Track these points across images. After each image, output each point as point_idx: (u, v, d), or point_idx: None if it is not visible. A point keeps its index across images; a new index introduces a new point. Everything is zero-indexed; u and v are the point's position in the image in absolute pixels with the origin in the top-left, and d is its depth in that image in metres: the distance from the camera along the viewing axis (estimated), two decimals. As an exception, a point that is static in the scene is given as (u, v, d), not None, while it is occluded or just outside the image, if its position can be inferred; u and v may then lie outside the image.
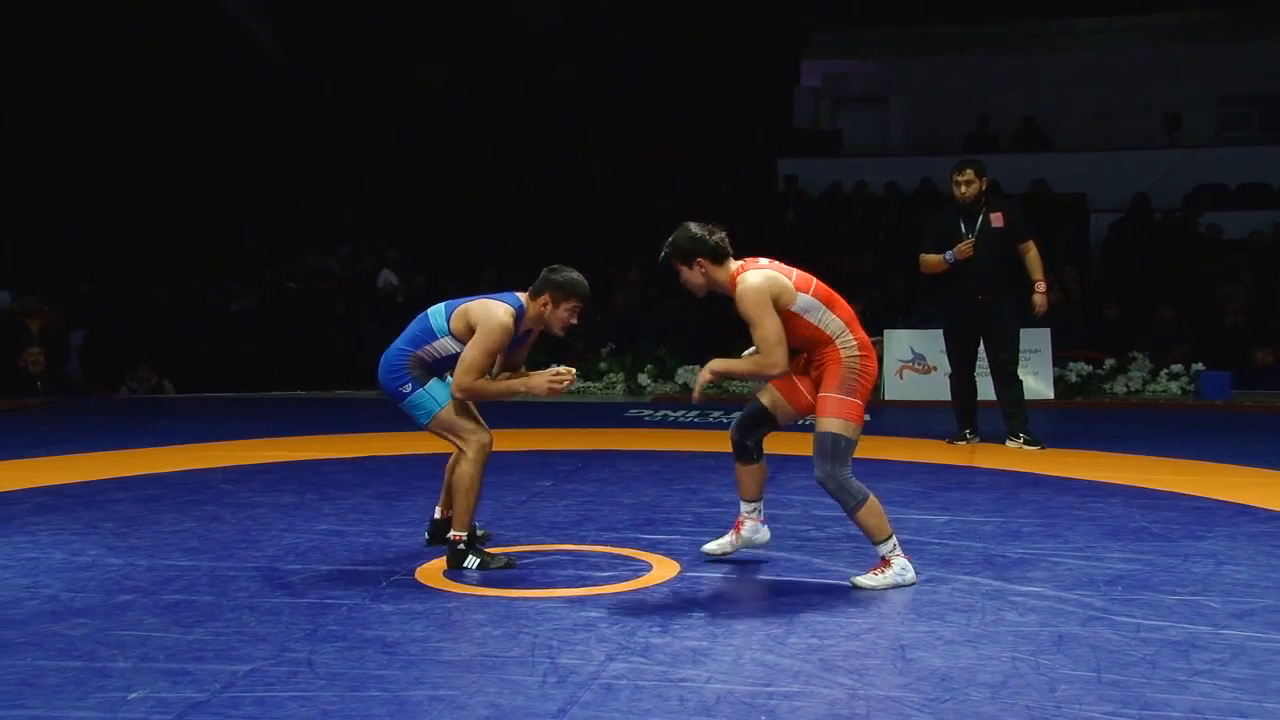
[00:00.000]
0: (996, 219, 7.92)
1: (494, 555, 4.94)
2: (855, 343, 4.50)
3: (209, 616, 4.20)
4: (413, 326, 5.00)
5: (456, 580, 4.72)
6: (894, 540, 4.54)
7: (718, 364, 4.59)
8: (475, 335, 4.82)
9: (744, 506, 4.89)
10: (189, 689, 3.46)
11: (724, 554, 4.95)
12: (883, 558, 4.55)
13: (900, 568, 4.53)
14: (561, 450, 8.04)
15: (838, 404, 4.43)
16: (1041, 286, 8.04)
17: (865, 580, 4.53)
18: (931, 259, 8.01)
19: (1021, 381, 8.17)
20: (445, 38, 20.13)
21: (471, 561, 4.88)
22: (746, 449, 4.78)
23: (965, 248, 7.83)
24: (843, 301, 4.61)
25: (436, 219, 17.87)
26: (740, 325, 4.55)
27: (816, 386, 4.56)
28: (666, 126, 19.74)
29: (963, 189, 7.95)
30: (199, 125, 18.68)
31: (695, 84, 20.01)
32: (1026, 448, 7.97)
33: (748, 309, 4.44)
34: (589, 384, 12.70)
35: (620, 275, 14.63)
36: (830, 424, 4.41)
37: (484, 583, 4.68)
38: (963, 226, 7.94)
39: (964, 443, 8.22)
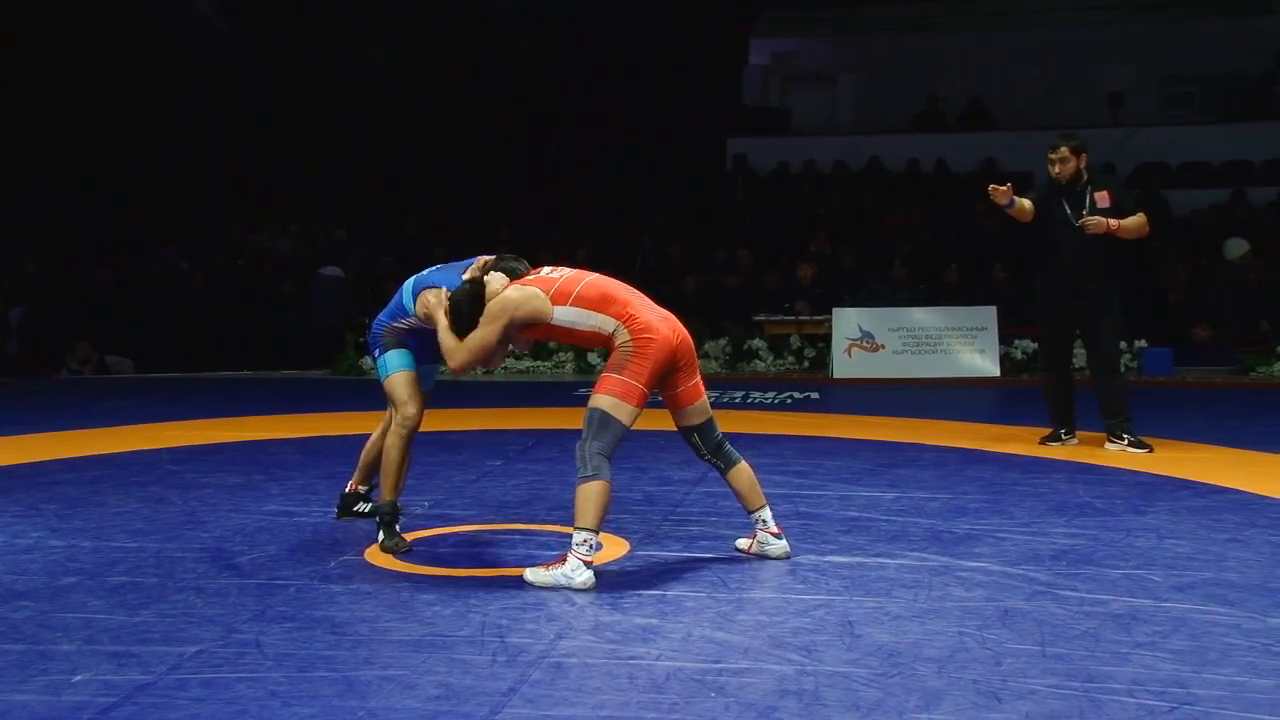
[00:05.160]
0: (1102, 198, 7.09)
1: (399, 538, 4.88)
2: (630, 333, 4.36)
3: (155, 599, 4.15)
4: (394, 299, 5.04)
5: (405, 560, 4.70)
6: (590, 539, 4.24)
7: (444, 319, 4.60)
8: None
9: (750, 517, 4.73)
10: (135, 671, 3.42)
11: (745, 551, 4.76)
12: (564, 554, 4.30)
13: (572, 567, 4.22)
14: (511, 429, 8.02)
15: (608, 381, 4.35)
16: (1114, 224, 6.98)
17: (531, 575, 4.30)
18: (1026, 208, 7.09)
19: (1124, 376, 7.30)
20: (397, 14, 19.93)
21: (380, 535, 4.89)
22: (709, 461, 4.69)
23: (1095, 224, 6.94)
24: (619, 296, 4.44)
25: (388, 197, 17.72)
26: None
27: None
28: (617, 105, 19.65)
29: (1056, 168, 7.08)
30: (150, 103, 18.39)
31: (645, 62, 19.94)
32: (1131, 450, 7.07)
33: (488, 310, 4.46)
34: (539, 363, 12.68)
35: (571, 253, 14.58)
36: (599, 400, 4.34)
37: (434, 562, 4.67)
38: (1067, 208, 7.08)
39: (1058, 443, 7.36)
